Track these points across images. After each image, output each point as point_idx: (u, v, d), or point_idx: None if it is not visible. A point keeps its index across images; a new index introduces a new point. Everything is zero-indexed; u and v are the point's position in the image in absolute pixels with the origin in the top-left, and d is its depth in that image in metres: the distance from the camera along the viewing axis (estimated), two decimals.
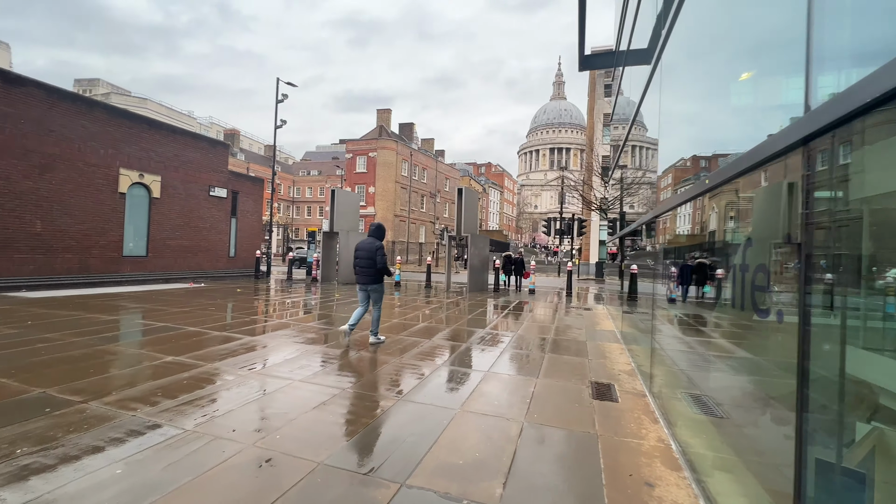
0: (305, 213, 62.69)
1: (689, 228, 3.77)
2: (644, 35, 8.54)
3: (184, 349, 5.40)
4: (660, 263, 4.65)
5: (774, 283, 1.88)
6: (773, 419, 2.08)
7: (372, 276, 5.92)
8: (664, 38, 4.25)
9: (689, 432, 3.26)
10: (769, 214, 2.05)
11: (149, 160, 13.99)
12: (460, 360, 5.44)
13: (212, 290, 12.60)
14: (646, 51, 9.73)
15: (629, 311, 7.81)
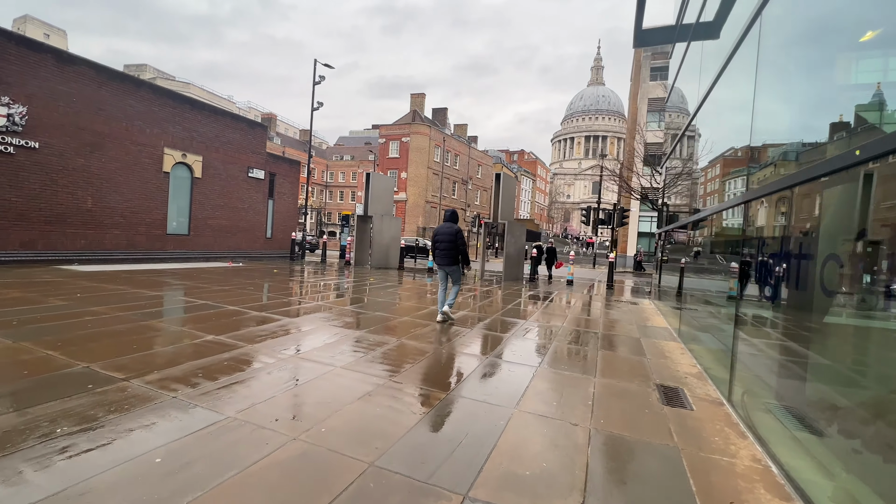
0: (338, 197, 63.54)
1: (791, 221, 3.20)
2: (712, 5, 7.69)
3: (224, 328, 5.30)
4: (734, 259, 4.07)
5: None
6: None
7: (451, 258, 6.38)
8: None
9: (790, 452, 2.78)
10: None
11: (191, 140, 14.21)
12: (508, 354, 5.08)
13: (249, 269, 12.75)
14: (712, 24, 8.83)
15: (683, 308, 7.20)
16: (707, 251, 6.04)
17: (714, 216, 5.59)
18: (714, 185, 5.95)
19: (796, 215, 3.17)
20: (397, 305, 7.91)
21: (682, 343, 6.18)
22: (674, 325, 7.45)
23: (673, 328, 7.29)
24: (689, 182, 7.48)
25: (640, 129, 31.57)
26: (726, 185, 5.34)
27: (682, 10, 9.39)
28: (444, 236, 6.41)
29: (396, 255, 17.25)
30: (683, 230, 8.06)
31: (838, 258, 2.52)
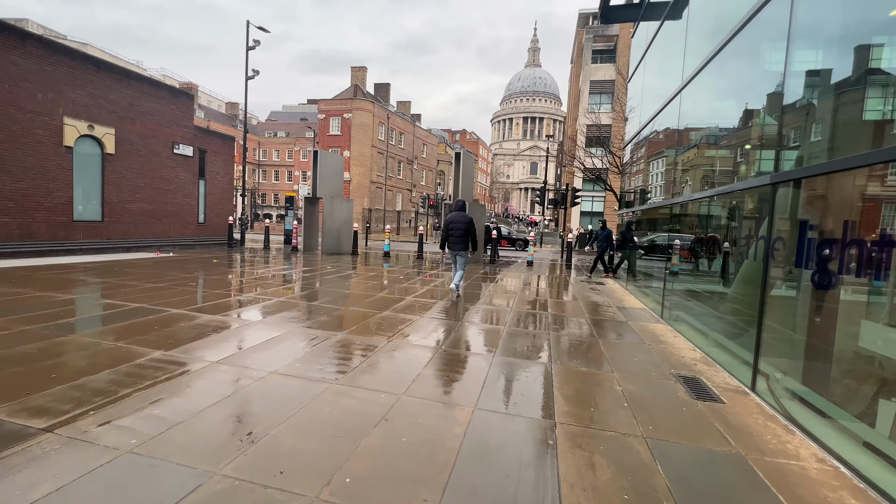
0: (273, 177, 59.26)
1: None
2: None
3: (172, 340, 4.32)
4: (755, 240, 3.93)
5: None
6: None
7: (464, 244, 7.19)
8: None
9: (848, 448, 2.65)
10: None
11: (99, 109, 11.97)
12: (510, 349, 4.66)
13: (183, 260, 11.16)
14: (676, 4, 8.77)
15: (668, 290, 7.26)
16: (710, 232, 6.00)
17: (708, 199, 5.51)
18: (699, 165, 5.89)
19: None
20: (379, 297, 7.19)
21: (669, 325, 6.18)
22: (649, 306, 7.53)
23: (650, 309, 7.35)
24: (668, 164, 7.46)
25: (580, 112, 32.38)
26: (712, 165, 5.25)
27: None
28: (458, 224, 7.19)
29: (349, 239, 16.19)
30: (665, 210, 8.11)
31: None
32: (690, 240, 6.28)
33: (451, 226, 7.19)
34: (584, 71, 33.15)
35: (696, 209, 6.09)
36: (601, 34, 33.07)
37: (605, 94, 32.95)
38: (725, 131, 5.20)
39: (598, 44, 33.34)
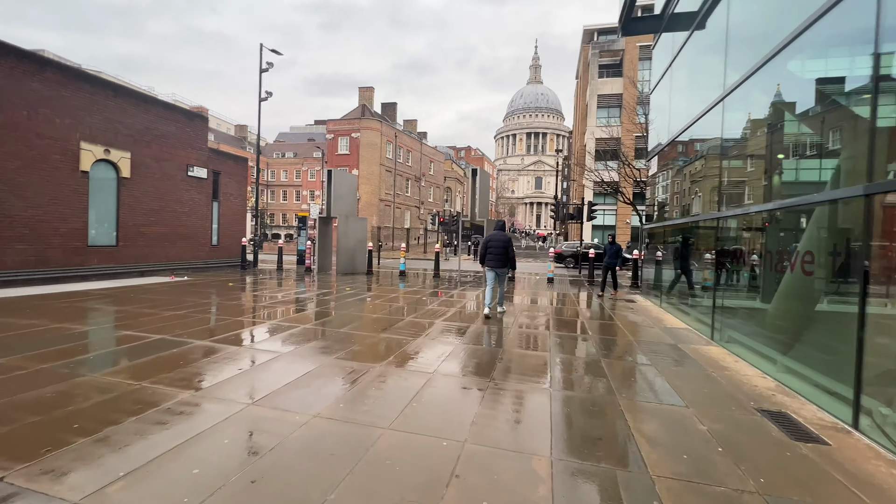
0: (281, 197, 59.64)
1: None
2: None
3: (200, 377, 3.97)
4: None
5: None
6: None
7: (503, 262, 7.38)
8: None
9: None
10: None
11: (115, 133, 11.91)
12: (566, 381, 4.25)
13: (199, 284, 10.89)
14: (694, 14, 8.55)
15: (719, 308, 6.84)
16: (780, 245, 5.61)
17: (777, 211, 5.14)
18: (757, 175, 5.53)
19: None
20: (408, 321, 6.81)
21: (724, 348, 5.73)
22: (693, 326, 7.08)
23: (695, 329, 6.91)
24: (711, 174, 7.12)
25: (588, 126, 32.31)
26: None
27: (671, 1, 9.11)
28: (497, 243, 7.40)
29: (364, 258, 15.92)
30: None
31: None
32: (736, 253, 5.89)
33: (491, 244, 7.42)
34: (590, 85, 33.23)
35: (748, 222, 5.71)
36: (607, 49, 33.27)
37: (613, 108, 32.94)
38: (792, 139, 4.86)
39: (605, 58, 33.51)
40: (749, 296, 5.74)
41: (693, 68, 8.07)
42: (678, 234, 8.65)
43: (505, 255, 7.36)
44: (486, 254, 7.43)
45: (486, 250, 7.43)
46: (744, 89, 5.62)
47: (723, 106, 6.18)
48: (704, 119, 6.99)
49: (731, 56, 6.09)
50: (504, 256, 7.36)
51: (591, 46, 34.04)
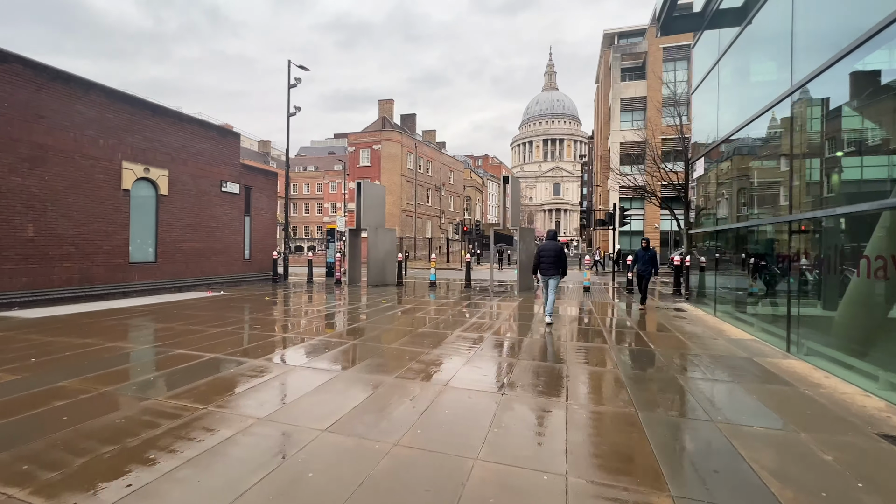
0: (303, 210, 60.61)
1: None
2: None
3: (265, 400, 3.81)
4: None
5: None
6: None
7: (555, 270, 7.55)
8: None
9: None
10: None
11: (154, 152, 12.18)
12: (650, 401, 3.92)
13: (237, 298, 10.92)
14: (743, 9, 8.19)
15: (797, 317, 6.36)
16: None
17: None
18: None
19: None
20: (457, 335, 6.58)
21: (807, 362, 5.28)
22: (761, 337, 6.61)
23: (764, 340, 6.44)
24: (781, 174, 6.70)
25: (611, 130, 31.78)
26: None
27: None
28: (550, 252, 7.61)
29: (394, 270, 15.81)
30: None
31: None
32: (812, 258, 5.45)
33: (544, 253, 7.67)
34: (613, 89, 32.76)
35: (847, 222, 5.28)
36: (629, 52, 32.81)
37: (637, 111, 32.35)
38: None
39: (626, 62, 33.04)
40: (835, 305, 5.29)
41: (749, 64, 7.68)
42: (749, 238, 8.18)
43: (557, 263, 7.55)
44: (539, 263, 7.63)
45: (539, 259, 7.63)
46: (820, 82, 5.24)
47: (789, 102, 5.79)
48: (769, 117, 6.60)
49: (798, 49, 5.72)
50: (556, 264, 7.54)
51: (612, 50, 33.61)
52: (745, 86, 7.84)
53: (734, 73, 8.19)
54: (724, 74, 8.57)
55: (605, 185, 35.31)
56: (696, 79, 10.31)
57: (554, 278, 7.58)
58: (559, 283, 7.81)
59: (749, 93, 7.68)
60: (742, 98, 7.96)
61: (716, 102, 8.87)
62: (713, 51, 9.00)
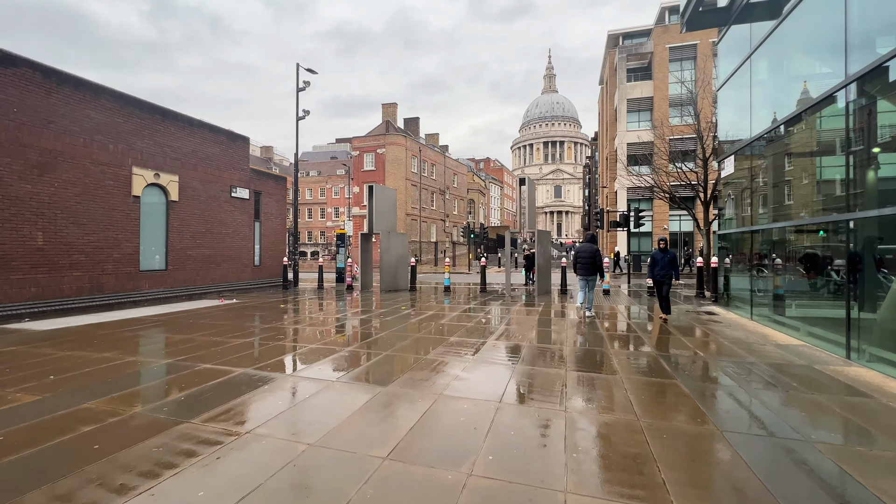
0: (306, 215, 60.36)
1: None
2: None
3: (306, 421, 3.49)
4: None
5: None
6: None
7: (590, 271, 8.52)
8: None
9: None
10: None
11: (164, 157, 11.91)
12: (730, 414, 3.59)
13: (250, 306, 10.60)
14: (772, 4, 7.92)
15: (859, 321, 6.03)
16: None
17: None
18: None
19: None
20: (491, 345, 6.25)
21: (874, 370, 4.94)
22: (811, 342, 6.28)
23: (816, 346, 6.11)
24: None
25: (618, 131, 31.56)
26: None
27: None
28: (585, 254, 8.57)
29: (406, 275, 15.50)
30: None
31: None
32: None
33: (580, 255, 8.61)
34: (619, 90, 32.54)
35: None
36: (634, 53, 32.61)
37: (644, 112, 32.13)
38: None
39: (632, 62, 32.84)
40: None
41: (790, 57, 7.39)
42: (793, 239, 7.86)
43: (592, 264, 8.51)
44: (576, 264, 8.65)
45: (577, 261, 8.64)
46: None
47: (846, 92, 5.49)
48: (816, 111, 6.29)
49: (853, 38, 5.43)
50: (591, 266, 8.51)
51: (617, 51, 33.41)
52: (786, 80, 7.56)
53: (771, 68, 7.90)
54: (758, 69, 8.29)
55: (611, 186, 35.05)
56: (721, 75, 10.02)
57: (590, 279, 8.49)
58: (595, 283, 8.68)
59: (791, 87, 7.39)
60: (783, 93, 7.67)
61: (748, 98, 8.58)
62: (743, 46, 8.72)
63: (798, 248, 7.49)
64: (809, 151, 7.10)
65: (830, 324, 6.03)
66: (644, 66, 32.94)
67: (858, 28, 5.38)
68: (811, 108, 6.37)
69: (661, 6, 32.67)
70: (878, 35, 5.21)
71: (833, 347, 5.81)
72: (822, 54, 6.38)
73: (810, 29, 6.67)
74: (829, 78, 5.96)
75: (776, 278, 7.83)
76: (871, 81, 5.19)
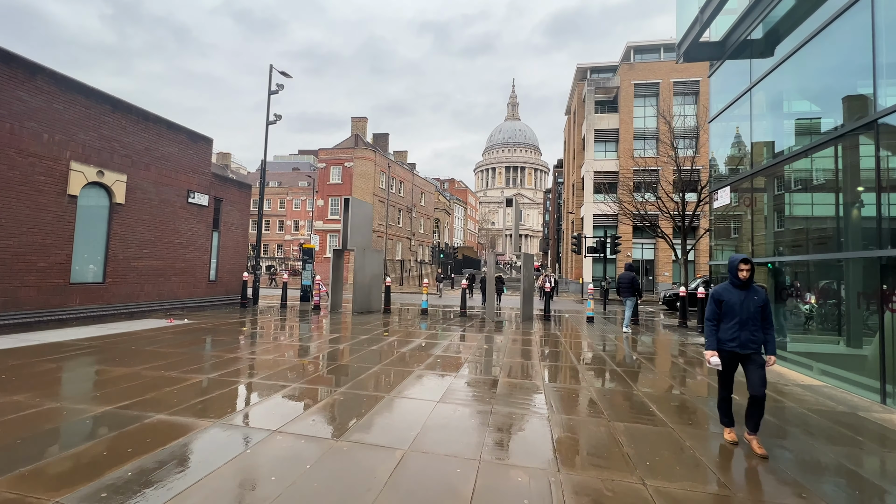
0: (264, 227, 57.32)
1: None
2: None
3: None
4: None
5: None
6: None
7: (631, 293, 10.90)
8: None
9: None
10: None
11: (111, 153, 10.35)
12: (805, 478, 3.01)
13: (207, 329, 9.17)
14: (766, 42, 8.05)
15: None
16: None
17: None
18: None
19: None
20: (497, 381, 5.43)
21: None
22: (833, 383, 6.02)
23: (839, 387, 5.83)
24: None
25: (585, 159, 32.52)
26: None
27: (741, 27, 8.66)
28: (626, 280, 10.97)
29: (380, 295, 14.44)
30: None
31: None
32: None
33: (622, 281, 11.04)
34: (587, 120, 33.67)
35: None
36: (602, 86, 34.02)
37: (610, 142, 33.37)
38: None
39: (600, 95, 34.20)
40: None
41: (797, 92, 7.42)
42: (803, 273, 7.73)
43: (631, 287, 10.95)
44: (619, 288, 11.15)
45: (619, 285, 11.15)
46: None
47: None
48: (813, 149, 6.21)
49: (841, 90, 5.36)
50: (631, 289, 10.95)
51: (585, 83, 34.76)
52: (789, 115, 7.58)
53: (773, 102, 7.94)
54: (757, 103, 8.34)
55: (577, 212, 35.83)
56: (714, 108, 10.15)
57: (630, 299, 10.88)
58: (635, 303, 11.00)
59: (788, 126, 7.41)
60: (786, 128, 7.68)
61: (748, 131, 8.61)
62: (742, 80, 8.80)
63: (803, 279, 7.37)
64: (813, 187, 7.06)
65: (848, 362, 5.78)
66: (610, 99, 34.41)
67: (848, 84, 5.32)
68: (807, 150, 6.31)
69: (627, 45, 34.51)
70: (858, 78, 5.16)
71: (860, 391, 5.54)
72: (818, 100, 6.39)
73: (804, 75, 6.71)
74: (824, 118, 5.90)
75: (784, 314, 7.66)
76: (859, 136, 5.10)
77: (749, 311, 3.70)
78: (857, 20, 5.70)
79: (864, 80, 5.63)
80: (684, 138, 18.61)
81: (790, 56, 7.18)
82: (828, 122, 6.59)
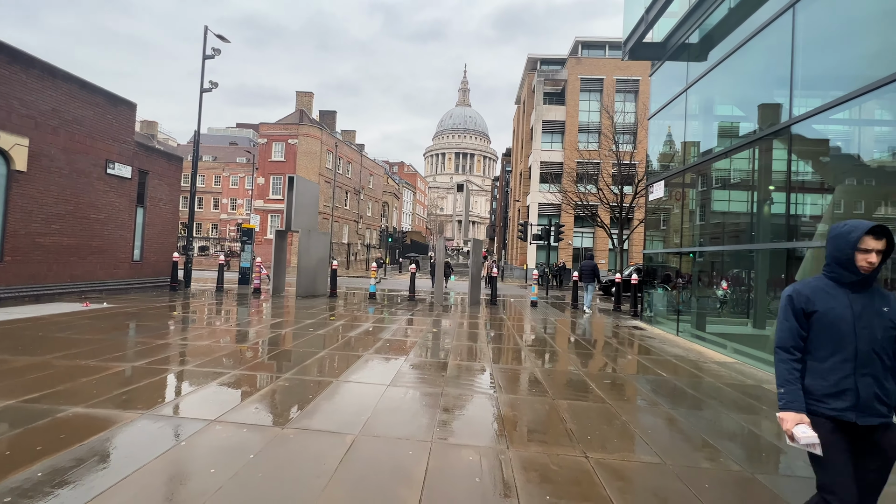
0: (197, 204, 53.11)
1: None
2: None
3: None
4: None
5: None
6: None
7: (591, 280, 12.36)
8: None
9: None
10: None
11: (9, 112, 8.97)
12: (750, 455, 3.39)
13: (130, 314, 8.38)
14: (702, 46, 8.69)
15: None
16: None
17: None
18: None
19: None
20: (466, 365, 5.50)
21: None
22: (741, 359, 6.77)
23: (746, 363, 6.58)
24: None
25: (533, 149, 33.43)
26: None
27: (680, 30, 9.21)
28: (588, 268, 12.55)
29: (325, 279, 14.01)
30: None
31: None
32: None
33: (583, 268, 12.63)
34: (536, 111, 34.46)
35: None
36: (551, 78, 34.89)
37: (557, 134, 34.46)
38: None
39: (548, 87, 35.07)
40: None
41: (724, 96, 8.04)
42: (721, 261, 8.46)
43: (592, 274, 12.43)
44: (582, 274, 12.57)
45: (582, 272, 12.60)
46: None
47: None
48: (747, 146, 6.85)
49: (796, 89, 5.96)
50: (592, 275, 12.41)
51: (535, 74, 35.45)
52: (716, 118, 8.23)
53: (705, 104, 8.57)
54: (691, 104, 8.96)
55: (524, 200, 36.88)
56: (653, 106, 10.78)
57: (591, 284, 12.32)
58: (594, 287, 12.45)
59: (719, 126, 8.06)
60: (713, 129, 8.34)
61: (682, 129, 9.25)
62: (679, 82, 9.40)
63: (719, 268, 8.16)
64: (732, 184, 7.78)
65: (755, 341, 6.52)
66: (558, 91, 35.40)
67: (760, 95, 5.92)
68: (730, 151, 6.95)
69: (576, 40, 35.52)
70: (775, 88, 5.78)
71: (763, 365, 6.27)
72: (741, 105, 7.03)
73: (731, 81, 7.34)
74: (746, 122, 6.53)
75: (697, 295, 8.44)
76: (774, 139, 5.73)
77: (875, 336, 1.77)
78: (779, 36, 6.26)
79: (781, 89, 6.24)
80: (624, 134, 19.75)
81: (720, 63, 7.77)
82: (746, 126, 7.26)
